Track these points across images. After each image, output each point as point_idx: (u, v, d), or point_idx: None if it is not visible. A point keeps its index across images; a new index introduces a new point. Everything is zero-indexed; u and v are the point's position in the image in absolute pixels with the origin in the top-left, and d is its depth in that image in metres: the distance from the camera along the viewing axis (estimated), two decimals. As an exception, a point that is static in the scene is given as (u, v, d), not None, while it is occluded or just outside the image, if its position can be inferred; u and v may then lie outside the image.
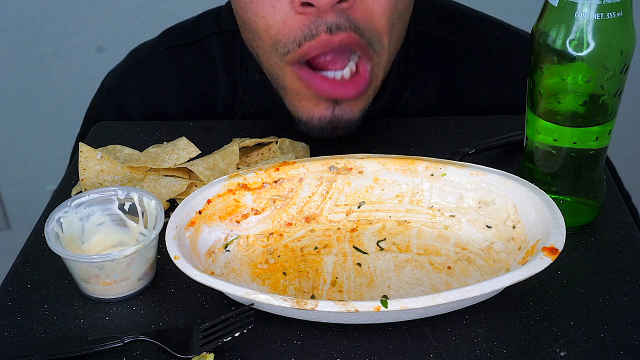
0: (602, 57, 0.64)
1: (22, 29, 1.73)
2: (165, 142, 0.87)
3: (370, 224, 0.74)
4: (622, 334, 0.62)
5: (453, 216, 0.73)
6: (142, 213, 0.71)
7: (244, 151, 0.85)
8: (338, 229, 0.74)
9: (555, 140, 0.70)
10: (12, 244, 1.07)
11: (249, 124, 0.92)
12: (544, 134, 0.70)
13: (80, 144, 0.82)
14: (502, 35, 1.01)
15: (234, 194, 0.72)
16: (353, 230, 0.74)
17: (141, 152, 0.86)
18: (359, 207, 0.75)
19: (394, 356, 0.61)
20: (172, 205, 0.79)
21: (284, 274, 0.70)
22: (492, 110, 0.95)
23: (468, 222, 0.72)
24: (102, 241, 0.71)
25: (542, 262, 0.61)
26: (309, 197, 0.75)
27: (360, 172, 0.75)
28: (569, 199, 0.72)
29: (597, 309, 0.65)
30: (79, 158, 0.81)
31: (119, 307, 0.67)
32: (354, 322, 0.64)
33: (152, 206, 0.70)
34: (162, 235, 0.67)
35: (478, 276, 0.68)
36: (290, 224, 0.74)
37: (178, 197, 0.79)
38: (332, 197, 0.75)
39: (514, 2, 1.49)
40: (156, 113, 0.99)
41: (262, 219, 0.73)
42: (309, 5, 0.73)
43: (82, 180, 0.80)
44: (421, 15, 0.95)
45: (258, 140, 0.85)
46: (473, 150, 0.83)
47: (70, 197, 0.75)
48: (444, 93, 0.97)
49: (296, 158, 0.83)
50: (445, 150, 0.85)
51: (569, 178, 0.72)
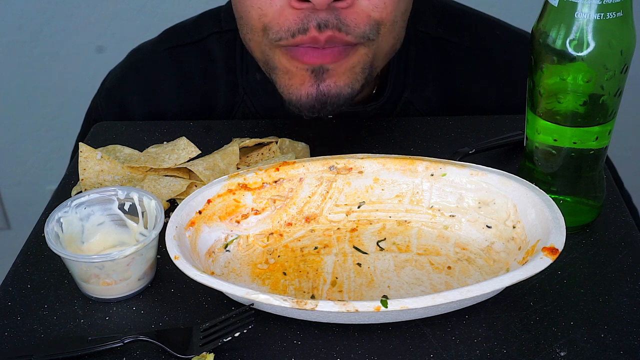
0: (602, 57, 0.64)
1: (22, 29, 1.73)
2: (165, 142, 0.87)
3: (370, 224, 0.74)
4: (622, 334, 0.62)
5: (453, 216, 0.73)
6: (142, 213, 0.71)
7: (244, 151, 0.85)
8: (338, 229, 0.74)
9: (555, 140, 0.70)
10: (12, 244, 1.07)
11: (249, 124, 0.92)
12: (544, 134, 0.70)
13: (80, 144, 0.82)
14: (502, 35, 1.01)
15: (234, 194, 0.72)
16: (353, 230, 0.74)
17: (141, 152, 0.86)
18: (359, 207, 0.75)
19: (394, 356, 0.61)
20: (172, 205, 0.79)
21: (284, 274, 0.70)
22: (492, 109, 0.95)
23: (468, 222, 0.72)
24: (102, 241, 0.71)
25: (542, 262, 0.61)
26: (309, 197, 0.75)
27: (360, 172, 0.75)
28: (569, 199, 0.72)
29: (597, 309, 0.65)
30: (79, 158, 0.81)
31: (119, 307, 0.67)
32: (354, 322, 0.64)
33: (152, 206, 0.70)
34: (162, 235, 0.67)
35: (478, 276, 0.68)
36: (290, 224, 0.74)
37: (178, 197, 0.79)
38: (332, 197, 0.75)
39: (514, 2, 1.49)
40: (156, 113, 0.99)
41: (262, 219, 0.73)
42: (305, 1, 0.74)
43: (82, 180, 0.80)
44: (421, 15, 0.95)
45: (258, 140, 0.85)
46: (473, 150, 0.83)
47: (70, 197, 0.75)
48: (444, 93, 0.97)
49: (296, 158, 0.83)
50: (445, 150, 0.85)
51: (569, 178, 0.72)
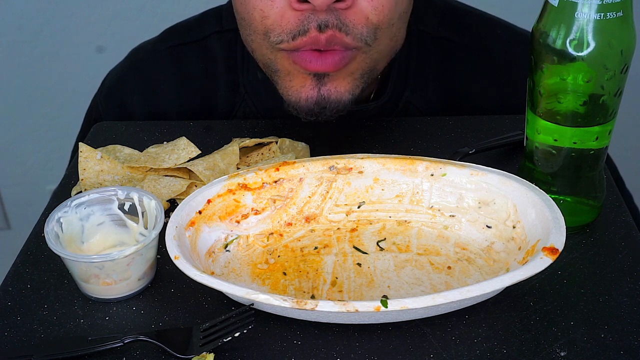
0: (602, 57, 0.64)
1: (22, 29, 1.73)
2: (165, 142, 0.87)
3: (370, 224, 0.74)
4: (622, 334, 0.62)
5: (453, 216, 0.73)
6: (142, 213, 0.71)
7: (244, 151, 0.85)
8: (338, 229, 0.74)
9: (555, 140, 0.70)
10: (12, 244, 1.07)
11: (249, 124, 0.92)
12: (544, 134, 0.70)
13: (80, 144, 0.82)
14: (503, 34, 1.01)
15: (234, 194, 0.72)
16: (353, 230, 0.74)
17: (141, 152, 0.86)
18: (359, 207, 0.75)
19: (394, 356, 0.61)
20: (172, 205, 0.78)
21: (284, 274, 0.70)
22: (492, 109, 0.95)
23: (468, 222, 0.72)
24: (102, 241, 0.71)
25: (542, 262, 0.61)
26: (309, 197, 0.75)
27: (360, 172, 0.75)
28: (569, 199, 0.72)
29: (597, 309, 0.65)
30: (79, 158, 0.81)
31: (119, 307, 0.67)
32: (354, 322, 0.64)
33: (152, 206, 0.70)
34: (162, 235, 0.67)
35: (478, 276, 0.68)
36: (290, 224, 0.74)
37: (178, 197, 0.79)
38: (332, 197, 0.75)
39: (514, 2, 1.48)
40: (157, 112, 0.99)
41: (262, 219, 0.73)
42: (305, 2, 0.74)
43: (82, 180, 0.80)
44: (422, 15, 0.95)
45: (258, 140, 0.85)
46: (473, 150, 0.83)
47: (70, 197, 0.75)
48: (445, 92, 0.97)
49: (296, 158, 0.83)
50: (445, 150, 0.85)
51: (569, 178, 0.72)
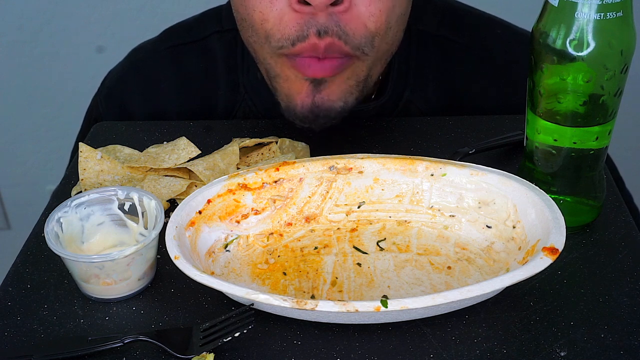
0: (602, 57, 0.64)
1: (22, 29, 1.73)
2: (165, 142, 0.87)
3: (370, 224, 0.74)
4: (622, 334, 0.62)
5: (453, 216, 0.73)
6: (142, 213, 0.71)
7: (244, 151, 0.85)
8: (338, 229, 0.74)
9: (555, 140, 0.70)
10: (12, 244, 1.07)
11: (249, 124, 0.92)
12: (544, 134, 0.70)
13: (80, 144, 0.82)
14: (503, 34, 1.01)
15: (234, 194, 0.72)
16: (353, 230, 0.74)
17: (141, 152, 0.86)
18: (359, 207, 0.75)
19: (394, 356, 0.61)
20: (172, 205, 0.78)
21: (284, 274, 0.70)
22: (492, 109, 0.95)
23: (468, 222, 0.72)
24: (102, 241, 0.71)
25: (542, 262, 0.61)
26: (309, 197, 0.75)
27: (360, 172, 0.75)
28: (569, 199, 0.72)
29: (597, 309, 0.65)
30: (79, 158, 0.81)
31: (119, 307, 0.67)
32: (354, 322, 0.64)
33: (152, 206, 0.70)
34: (162, 235, 0.67)
35: (478, 276, 0.68)
36: (290, 224, 0.74)
37: (178, 197, 0.79)
38: (332, 197, 0.75)
39: (514, 2, 1.48)
40: (157, 112, 0.99)
41: (262, 219, 0.73)
42: (305, 4, 0.74)
43: (82, 180, 0.80)
44: (422, 14, 0.95)
45: (258, 140, 0.85)
46: (473, 150, 0.83)
47: (70, 197, 0.75)
48: (445, 92, 0.97)
49: (296, 158, 0.83)
50: (445, 150, 0.85)
51: (569, 178, 0.72)
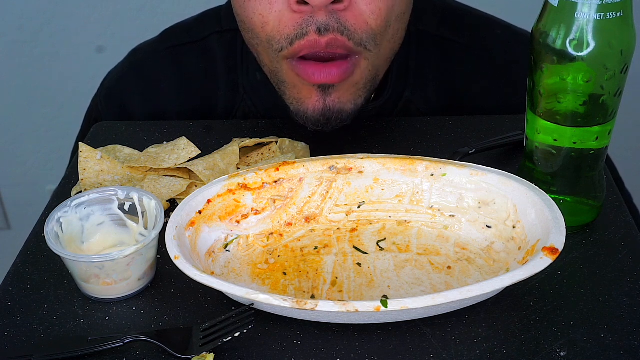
0: (602, 57, 0.64)
1: (22, 29, 1.73)
2: (165, 142, 0.87)
3: (370, 224, 0.74)
4: (622, 334, 0.62)
5: (453, 216, 0.73)
6: (142, 213, 0.71)
7: (244, 151, 0.85)
8: (338, 229, 0.74)
9: (555, 140, 0.70)
10: (12, 244, 1.07)
11: (249, 124, 0.92)
12: (544, 134, 0.70)
13: (80, 144, 0.82)
14: (502, 34, 1.01)
15: (234, 194, 0.72)
16: (353, 230, 0.74)
17: (141, 152, 0.86)
18: (359, 207, 0.75)
19: (394, 356, 0.61)
20: (172, 205, 0.78)
21: (284, 274, 0.70)
22: (492, 109, 0.95)
23: (468, 222, 0.72)
24: (102, 241, 0.71)
25: (542, 262, 0.61)
26: (309, 197, 0.75)
27: (360, 172, 0.75)
28: (569, 199, 0.72)
29: (597, 309, 0.65)
30: (79, 158, 0.81)
31: (119, 307, 0.67)
32: (354, 322, 0.64)
33: (152, 206, 0.70)
34: (162, 235, 0.67)
35: (478, 276, 0.68)
36: (290, 224, 0.74)
37: (178, 197, 0.79)
38: (332, 197, 0.75)
39: (514, 2, 1.48)
40: (157, 112, 0.99)
41: (262, 219, 0.73)
42: (304, 4, 0.74)
43: (82, 180, 0.80)
44: (422, 14, 0.95)
45: (258, 140, 0.85)
46: (473, 150, 0.83)
47: (70, 197, 0.75)
48: (445, 92, 0.97)
49: (296, 158, 0.83)
50: (445, 150, 0.85)
51: (569, 178, 0.72)
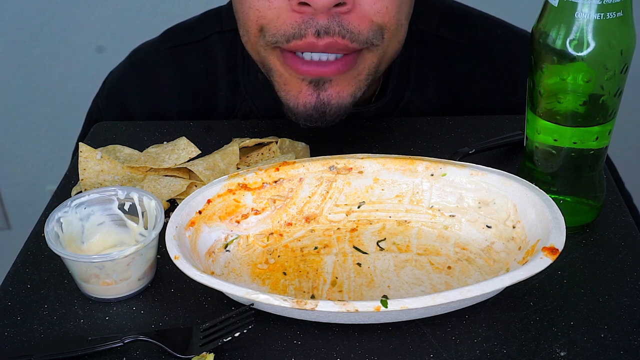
0: (602, 57, 0.64)
1: (22, 29, 1.73)
2: (165, 142, 0.87)
3: (370, 224, 0.74)
4: (622, 334, 0.62)
5: (453, 216, 0.73)
6: (142, 213, 0.71)
7: (244, 151, 0.85)
8: (338, 229, 0.74)
9: (555, 140, 0.70)
10: (12, 244, 1.07)
11: (249, 124, 0.92)
12: (544, 134, 0.70)
13: (80, 144, 0.82)
14: (503, 34, 1.01)
15: (234, 194, 0.72)
16: (353, 230, 0.74)
17: (141, 152, 0.86)
18: (359, 207, 0.75)
19: (394, 356, 0.61)
20: (172, 205, 0.79)
21: (284, 274, 0.70)
22: (492, 109, 0.95)
23: (468, 222, 0.72)
24: (102, 241, 0.71)
25: (542, 262, 0.61)
26: (309, 197, 0.75)
27: (360, 172, 0.75)
28: (569, 199, 0.72)
29: (597, 309, 0.65)
30: (79, 158, 0.81)
31: (119, 307, 0.67)
32: (354, 322, 0.64)
33: (152, 206, 0.70)
34: (162, 235, 0.67)
35: (478, 276, 0.68)
36: (290, 224, 0.74)
37: (178, 197, 0.79)
38: (332, 197, 0.75)
39: (514, 2, 1.48)
40: (157, 112, 0.99)
41: (262, 219, 0.73)
42: (305, 5, 0.74)
43: (82, 180, 0.80)
44: (422, 15, 0.95)
45: (258, 140, 0.85)
46: (473, 150, 0.83)
47: (70, 197, 0.75)
48: (446, 92, 0.97)
49: (296, 158, 0.83)
50: (445, 150, 0.85)
51: (569, 178, 0.72)
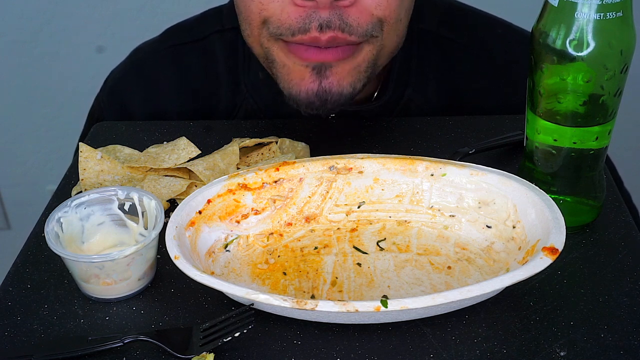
0: (602, 57, 0.64)
1: (22, 29, 1.73)
2: (165, 142, 0.87)
3: (370, 224, 0.74)
4: (622, 334, 0.62)
5: (453, 216, 0.73)
6: (142, 213, 0.71)
7: (244, 151, 0.85)
8: (338, 229, 0.74)
9: (555, 140, 0.70)
10: (12, 244, 1.07)
11: (249, 124, 0.92)
12: (544, 134, 0.70)
13: (80, 144, 0.82)
14: (503, 34, 1.01)
15: (234, 194, 0.72)
16: (353, 230, 0.74)
17: (141, 152, 0.86)
18: (359, 207, 0.75)
19: (394, 356, 0.61)
20: (172, 205, 0.78)
21: (284, 274, 0.70)
22: (492, 108, 0.95)
23: (468, 222, 0.72)
24: (102, 241, 0.71)
25: (542, 262, 0.61)
26: (309, 197, 0.75)
27: (360, 172, 0.75)
28: (569, 199, 0.72)
29: (597, 309, 0.65)
30: (79, 158, 0.81)
31: (119, 307, 0.67)
32: (354, 322, 0.64)
33: (152, 206, 0.70)
34: (162, 235, 0.67)
35: (478, 276, 0.68)
36: (290, 224, 0.74)
37: (178, 197, 0.79)
38: (332, 197, 0.75)
39: (514, 2, 1.48)
40: (158, 111, 0.99)
41: (262, 219, 0.73)
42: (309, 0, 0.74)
43: (82, 180, 0.80)
44: (423, 13, 0.95)
45: (258, 140, 0.85)
46: (473, 150, 0.83)
47: (70, 197, 0.75)
48: (446, 91, 0.97)
49: (296, 158, 0.83)
50: (445, 150, 0.85)
51: (569, 178, 0.72)
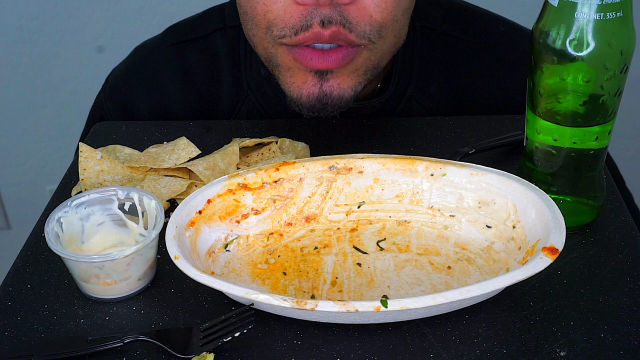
0: (602, 57, 0.64)
1: (22, 29, 1.73)
2: (165, 142, 0.87)
3: (370, 224, 0.74)
4: (622, 334, 0.62)
5: (453, 216, 0.73)
6: (142, 213, 0.71)
7: (244, 151, 0.85)
8: (338, 229, 0.74)
9: (555, 140, 0.70)
10: (12, 244, 1.07)
11: (249, 124, 0.92)
12: (544, 134, 0.70)
13: (80, 144, 0.82)
14: (506, 31, 1.01)
15: (234, 194, 0.72)
16: (353, 230, 0.74)
17: (141, 152, 0.86)
18: (359, 207, 0.75)
19: (394, 356, 0.61)
20: (172, 205, 0.79)
21: (284, 274, 0.70)
22: (495, 106, 0.95)
23: (468, 222, 0.72)
24: (102, 241, 0.71)
25: (542, 262, 0.61)
26: (309, 197, 0.75)
27: (360, 172, 0.75)
28: (569, 199, 0.72)
29: (597, 309, 0.65)
30: (79, 158, 0.81)
31: (119, 307, 0.67)
32: (354, 322, 0.64)
33: (152, 206, 0.70)
34: (162, 235, 0.67)
35: (478, 276, 0.68)
36: (290, 224, 0.74)
37: (178, 197, 0.79)
38: (332, 197, 0.75)
39: (514, 2, 1.49)
40: (160, 109, 0.99)
41: (262, 219, 0.73)
42: None
43: (82, 180, 0.80)
44: (426, 11, 0.96)
45: (258, 140, 0.85)
46: (473, 150, 0.83)
47: (70, 197, 0.75)
48: (449, 88, 0.97)
49: (296, 158, 0.83)
50: (445, 150, 0.85)
51: (569, 178, 0.72)
